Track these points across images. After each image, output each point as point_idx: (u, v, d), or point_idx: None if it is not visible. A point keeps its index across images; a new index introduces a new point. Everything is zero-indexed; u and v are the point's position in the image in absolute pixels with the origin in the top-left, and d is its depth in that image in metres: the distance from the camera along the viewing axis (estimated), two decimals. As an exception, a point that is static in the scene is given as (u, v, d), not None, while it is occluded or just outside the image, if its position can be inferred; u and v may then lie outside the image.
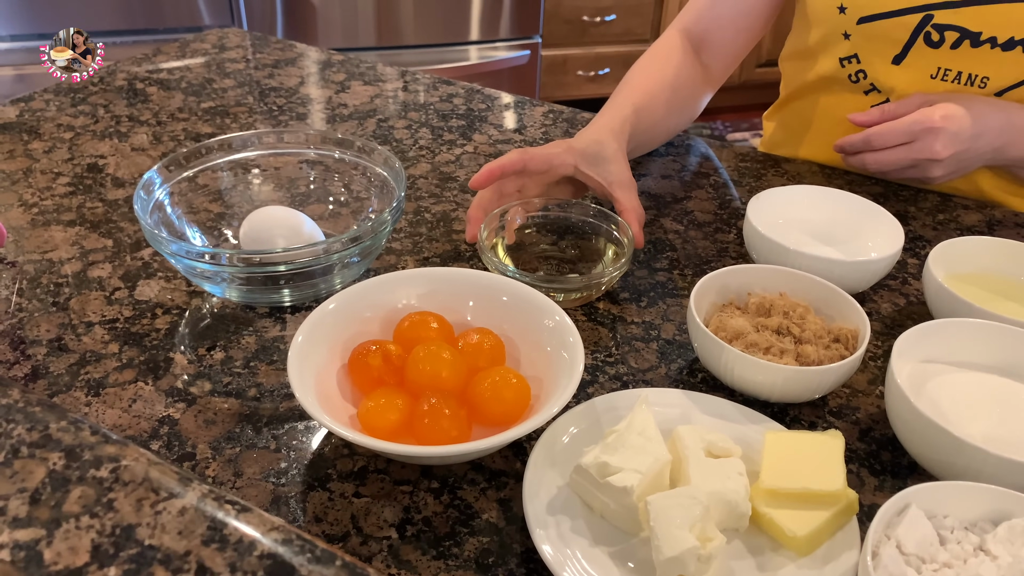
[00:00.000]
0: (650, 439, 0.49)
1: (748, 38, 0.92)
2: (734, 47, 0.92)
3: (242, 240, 0.68)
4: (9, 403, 0.37)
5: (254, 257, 0.60)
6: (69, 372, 0.58)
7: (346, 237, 0.60)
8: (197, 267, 0.60)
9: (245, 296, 0.64)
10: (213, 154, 0.72)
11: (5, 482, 0.33)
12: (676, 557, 0.43)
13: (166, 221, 0.67)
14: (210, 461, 0.52)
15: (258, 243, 0.66)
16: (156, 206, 0.67)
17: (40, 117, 0.94)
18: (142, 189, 0.65)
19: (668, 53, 0.89)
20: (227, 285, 0.63)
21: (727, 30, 0.91)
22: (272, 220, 0.67)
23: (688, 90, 0.89)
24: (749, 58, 2.85)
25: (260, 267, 0.60)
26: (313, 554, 0.31)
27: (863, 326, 0.58)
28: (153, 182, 0.67)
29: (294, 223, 0.67)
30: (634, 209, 0.71)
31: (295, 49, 1.18)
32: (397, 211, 0.64)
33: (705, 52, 0.91)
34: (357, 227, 0.62)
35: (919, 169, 0.77)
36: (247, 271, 0.60)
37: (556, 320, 0.56)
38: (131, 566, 0.30)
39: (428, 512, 0.49)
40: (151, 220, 0.64)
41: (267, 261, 0.60)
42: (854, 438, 0.56)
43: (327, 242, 0.60)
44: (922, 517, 0.44)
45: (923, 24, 0.79)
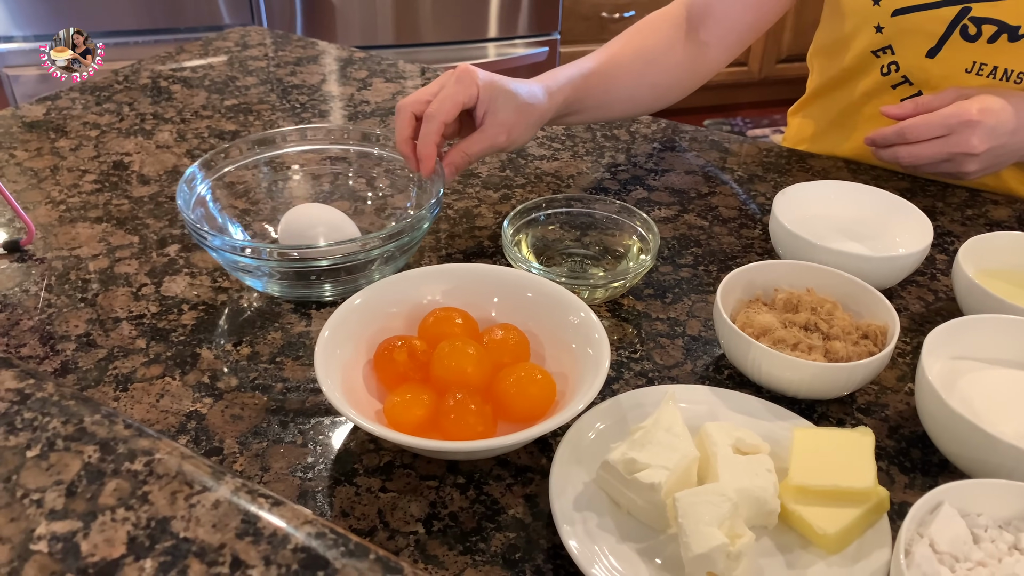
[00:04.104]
0: (677, 435, 0.48)
1: (755, 17, 0.86)
2: (739, 25, 0.86)
3: (281, 236, 0.69)
4: (44, 397, 0.37)
5: (293, 252, 0.61)
6: (98, 367, 0.59)
7: (386, 233, 0.61)
8: (240, 261, 0.61)
9: (285, 290, 0.65)
10: (253, 149, 0.73)
11: (42, 474, 0.34)
12: (705, 554, 0.42)
13: (207, 216, 0.68)
14: (237, 456, 0.52)
15: (298, 239, 0.67)
16: (198, 201, 0.68)
17: (66, 115, 0.95)
18: (184, 184, 0.66)
19: (658, 24, 0.85)
20: (268, 279, 0.64)
21: (733, 3, 0.85)
22: (312, 216, 0.68)
23: (669, 65, 0.84)
24: (770, 53, 2.85)
25: (302, 262, 0.61)
26: (347, 548, 0.31)
27: (892, 322, 0.57)
28: (195, 177, 0.68)
29: (333, 219, 0.68)
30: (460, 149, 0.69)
31: (317, 47, 1.18)
32: (436, 207, 0.65)
33: (706, 28, 0.85)
34: (396, 223, 0.63)
35: (954, 164, 0.76)
36: (289, 265, 0.61)
37: (581, 317, 0.56)
38: (167, 558, 0.31)
39: (454, 507, 0.49)
40: (194, 215, 0.65)
41: (310, 256, 0.61)
42: (883, 435, 0.56)
43: (369, 237, 0.61)
44: (955, 515, 0.44)
45: (960, 17, 0.78)
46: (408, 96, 0.68)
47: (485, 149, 0.70)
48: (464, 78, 0.67)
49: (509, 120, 0.69)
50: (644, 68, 0.83)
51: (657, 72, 0.84)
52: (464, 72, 0.67)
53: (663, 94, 0.86)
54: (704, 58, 0.86)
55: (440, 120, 0.66)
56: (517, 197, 0.82)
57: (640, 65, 0.82)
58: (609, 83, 0.80)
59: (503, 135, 0.69)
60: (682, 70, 0.86)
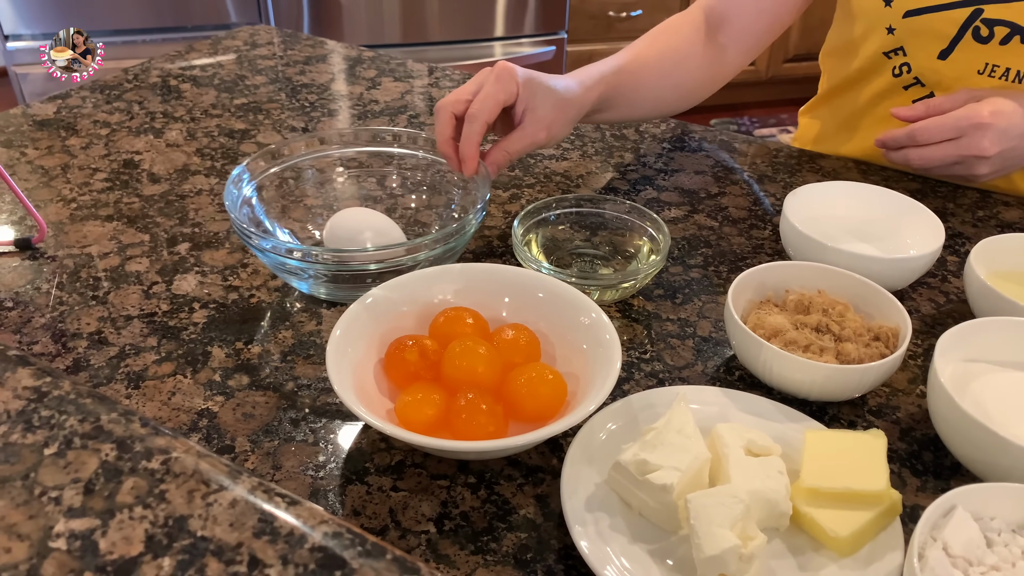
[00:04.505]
0: (689, 437, 0.48)
1: (771, 21, 0.87)
2: (755, 28, 0.87)
3: (327, 238, 0.69)
4: (61, 395, 0.37)
5: (344, 255, 0.62)
6: (109, 365, 0.59)
7: (429, 238, 0.61)
8: (288, 263, 0.61)
9: (332, 292, 0.65)
10: (300, 151, 0.74)
11: (59, 472, 0.34)
12: (717, 556, 0.42)
13: (253, 217, 0.69)
14: (249, 454, 0.53)
15: (344, 242, 0.67)
16: (244, 201, 0.68)
17: (77, 114, 0.96)
18: (232, 184, 0.67)
19: (679, 27, 0.86)
20: (314, 281, 0.64)
21: (748, 8, 0.86)
22: (359, 220, 0.69)
23: (691, 67, 0.85)
24: (777, 53, 2.84)
25: (352, 265, 0.61)
26: (363, 548, 0.31)
27: (904, 324, 0.57)
28: (242, 178, 0.69)
29: (379, 223, 0.69)
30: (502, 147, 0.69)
31: (325, 46, 1.18)
32: (482, 211, 0.65)
33: (723, 32, 0.86)
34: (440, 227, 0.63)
35: (964, 166, 0.75)
36: (336, 269, 0.62)
37: (592, 317, 0.56)
38: (184, 557, 0.31)
39: (465, 507, 0.49)
40: (241, 214, 0.66)
41: (359, 260, 0.61)
42: (895, 438, 0.56)
43: (416, 242, 0.62)
44: (969, 519, 0.44)
45: (972, 18, 0.77)
46: (447, 96, 0.68)
47: (526, 147, 0.70)
48: (503, 76, 0.67)
49: (548, 116, 0.69)
50: (670, 69, 0.83)
51: (681, 73, 0.85)
52: (503, 70, 0.67)
53: (685, 95, 0.87)
54: (722, 60, 0.87)
55: (483, 120, 0.66)
56: (527, 197, 0.82)
57: (667, 65, 0.83)
58: (637, 82, 0.80)
59: (543, 132, 0.69)
60: (703, 72, 0.87)
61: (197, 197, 0.80)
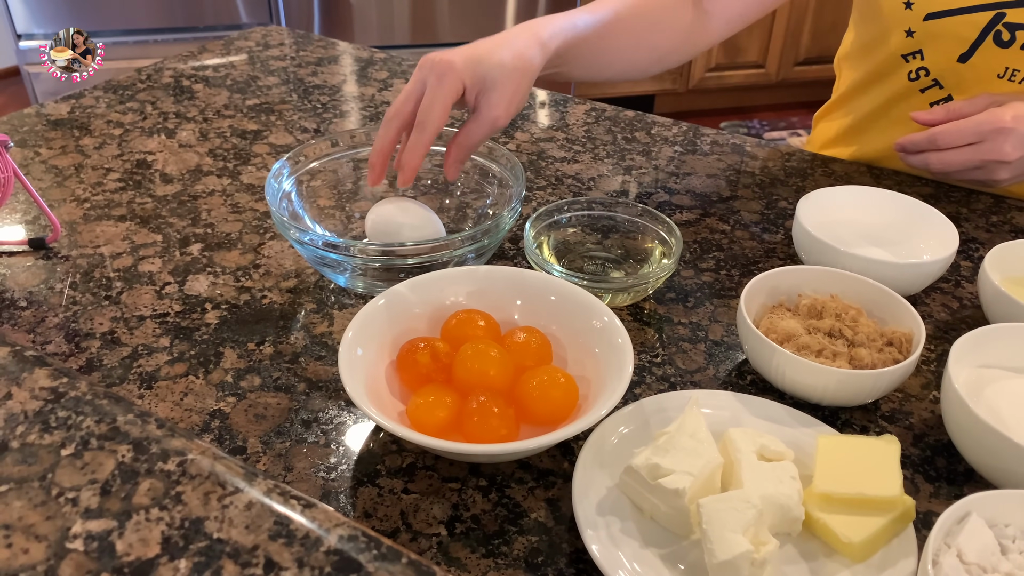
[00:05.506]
0: (701, 441, 0.48)
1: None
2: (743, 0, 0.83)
3: (368, 229, 0.68)
4: (78, 395, 0.37)
5: (383, 248, 0.62)
6: (122, 365, 0.60)
7: (466, 234, 0.62)
8: (327, 256, 0.62)
9: (369, 286, 0.66)
10: (339, 145, 0.75)
11: (76, 473, 0.34)
12: (729, 561, 0.42)
13: (291, 211, 0.69)
14: (260, 455, 0.53)
15: (385, 234, 0.66)
16: (284, 195, 0.69)
17: (90, 114, 0.96)
18: (272, 178, 0.67)
19: None
20: (351, 275, 0.64)
21: None
22: (399, 212, 0.67)
23: (672, 30, 0.82)
24: (787, 56, 2.83)
25: (389, 259, 0.62)
26: (379, 551, 0.31)
27: (917, 329, 0.57)
28: (282, 172, 0.69)
29: (420, 216, 0.67)
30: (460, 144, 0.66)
31: (337, 47, 1.19)
32: (515, 210, 0.65)
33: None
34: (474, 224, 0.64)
35: (985, 171, 0.74)
36: (374, 262, 0.62)
37: (604, 321, 0.56)
38: (201, 559, 0.31)
39: (476, 510, 0.50)
40: (281, 207, 0.66)
41: (397, 253, 0.61)
42: (908, 443, 0.55)
43: (454, 238, 0.62)
44: (983, 526, 0.44)
45: (994, 22, 0.77)
46: (393, 105, 0.65)
47: (487, 134, 0.66)
48: (445, 74, 0.63)
49: (506, 95, 0.65)
50: (647, 28, 0.79)
51: (659, 35, 0.81)
52: (441, 67, 0.63)
53: (662, 57, 0.83)
54: (705, 28, 0.84)
55: (433, 130, 0.63)
56: (538, 199, 0.82)
57: (644, 25, 0.79)
58: (608, 42, 0.76)
59: (500, 111, 0.65)
60: (684, 36, 0.83)
61: (209, 198, 0.80)
